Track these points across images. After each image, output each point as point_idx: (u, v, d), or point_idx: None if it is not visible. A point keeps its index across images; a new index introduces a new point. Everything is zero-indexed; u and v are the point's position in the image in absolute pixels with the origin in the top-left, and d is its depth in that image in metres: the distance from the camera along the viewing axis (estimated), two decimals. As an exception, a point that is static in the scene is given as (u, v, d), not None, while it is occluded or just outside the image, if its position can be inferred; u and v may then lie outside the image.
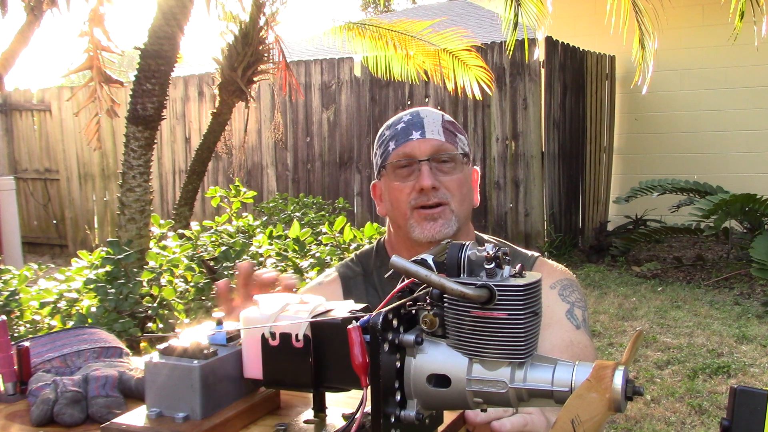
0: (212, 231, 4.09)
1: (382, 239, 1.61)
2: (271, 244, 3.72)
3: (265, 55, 5.72)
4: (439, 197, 1.42)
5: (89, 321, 3.00)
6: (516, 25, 4.83)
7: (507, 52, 6.72)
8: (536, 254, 1.56)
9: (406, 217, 1.44)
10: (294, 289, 1.16)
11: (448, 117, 1.52)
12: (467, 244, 0.79)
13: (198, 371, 0.81)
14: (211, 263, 3.42)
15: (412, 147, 1.44)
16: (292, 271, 3.51)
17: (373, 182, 1.57)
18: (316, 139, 8.37)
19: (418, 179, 1.42)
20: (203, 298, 3.37)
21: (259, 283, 1.14)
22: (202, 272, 3.44)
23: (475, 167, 1.56)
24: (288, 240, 3.77)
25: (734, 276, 6.49)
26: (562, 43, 7.54)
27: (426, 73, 6.48)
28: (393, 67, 6.47)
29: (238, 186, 4.87)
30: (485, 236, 1.59)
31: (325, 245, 3.82)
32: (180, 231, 4.14)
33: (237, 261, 3.41)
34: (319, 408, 0.89)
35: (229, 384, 0.86)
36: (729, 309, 5.54)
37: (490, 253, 0.76)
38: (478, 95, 6.20)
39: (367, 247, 1.65)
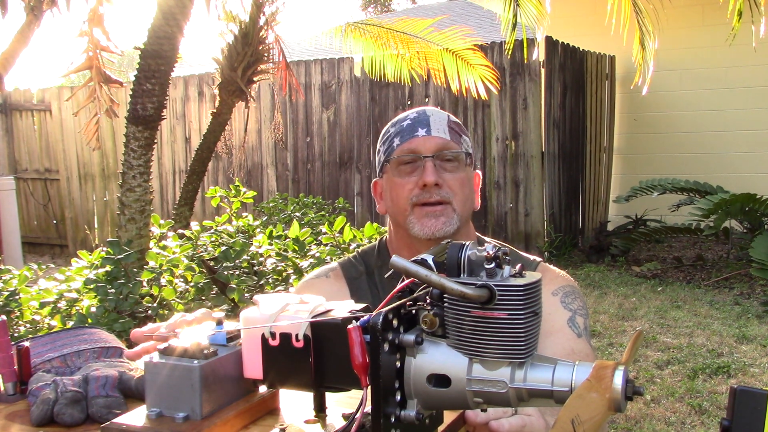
0: (212, 231, 4.09)
1: (384, 238, 1.60)
2: (271, 244, 3.72)
3: (265, 55, 5.71)
4: (441, 195, 1.41)
5: (89, 321, 3.00)
6: (515, 25, 4.83)
7: (507, 52, 6.72)
8: (538, 259, 1.55)
9: (405, 214, 1.43)
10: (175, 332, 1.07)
11: (453, 118, 1.51)
12: (467, 244, 0.79)
13: (198, 371, 0.82)
14: (211, 263, 3.42)
15: (418, 143, 1.44)
16: (292, 271, 3.51)
17: (374, 180, 1.56)
18: (316, 139, 8.37)
19: (421, 175, 1.41)
20: (203, 298, 3.37)
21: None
22: (202, 272, 3.44)
23: (477, 171, 1.55)
24: (288, 240, 3.77)
25: (734, 276, 6.49)
26: (562, 43, 7.54)
27: (425, 72, 6.46)
28: (387, 68, 6.45)
29: (238, 186, 4.86)
30: (486, 238, 1.58)
31: (325, 245, 3.82)
32: (180, 231, 4.14)
33: (237, 260, 3.41)
34: (319, 408, 0.89)
35: (229, 384, 0.86)
36: (729, 309, 5.54)
37: (490, 253, 0.76)
38: (484, 95, 6.19)
39: (369, 245, 1.64)
